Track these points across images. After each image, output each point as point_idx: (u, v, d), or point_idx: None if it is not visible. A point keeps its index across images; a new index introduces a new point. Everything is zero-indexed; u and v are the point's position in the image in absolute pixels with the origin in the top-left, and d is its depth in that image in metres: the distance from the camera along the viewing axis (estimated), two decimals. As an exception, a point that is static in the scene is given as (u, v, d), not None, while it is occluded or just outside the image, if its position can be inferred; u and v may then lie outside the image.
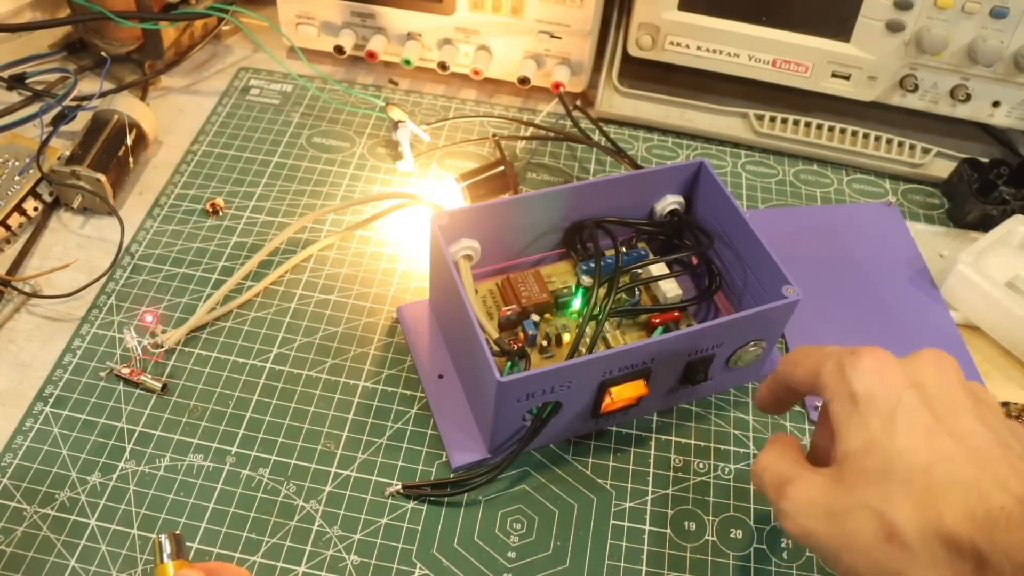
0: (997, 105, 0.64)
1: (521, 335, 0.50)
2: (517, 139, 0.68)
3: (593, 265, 0.51)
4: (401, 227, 0.61)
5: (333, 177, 0.64)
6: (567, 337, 0.51)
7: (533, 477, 0.48)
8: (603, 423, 0.50)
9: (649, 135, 0.70)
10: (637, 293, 0.52)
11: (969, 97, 0.64)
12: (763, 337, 0.49)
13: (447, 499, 0.47)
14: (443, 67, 0.69)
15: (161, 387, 0.50)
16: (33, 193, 0.59)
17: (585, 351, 0.47)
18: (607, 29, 0.71)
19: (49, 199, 0.60)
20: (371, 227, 0.60)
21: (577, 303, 0.52)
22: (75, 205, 0.59)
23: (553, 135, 0.67)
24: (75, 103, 0.61)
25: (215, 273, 0.57)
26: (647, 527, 0.47)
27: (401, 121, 0.64)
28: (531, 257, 0.55)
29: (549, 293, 0.51)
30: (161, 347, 0.51)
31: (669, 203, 0.54)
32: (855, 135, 0.67)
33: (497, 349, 0.47)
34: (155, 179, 0.63)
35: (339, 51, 0.70)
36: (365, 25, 0.70)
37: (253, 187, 0.62)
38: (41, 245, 0.58)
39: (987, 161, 0.65)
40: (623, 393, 0.46)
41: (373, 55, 0.69)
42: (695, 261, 0.54)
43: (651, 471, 0.49)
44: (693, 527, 0.47)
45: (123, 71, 0.70)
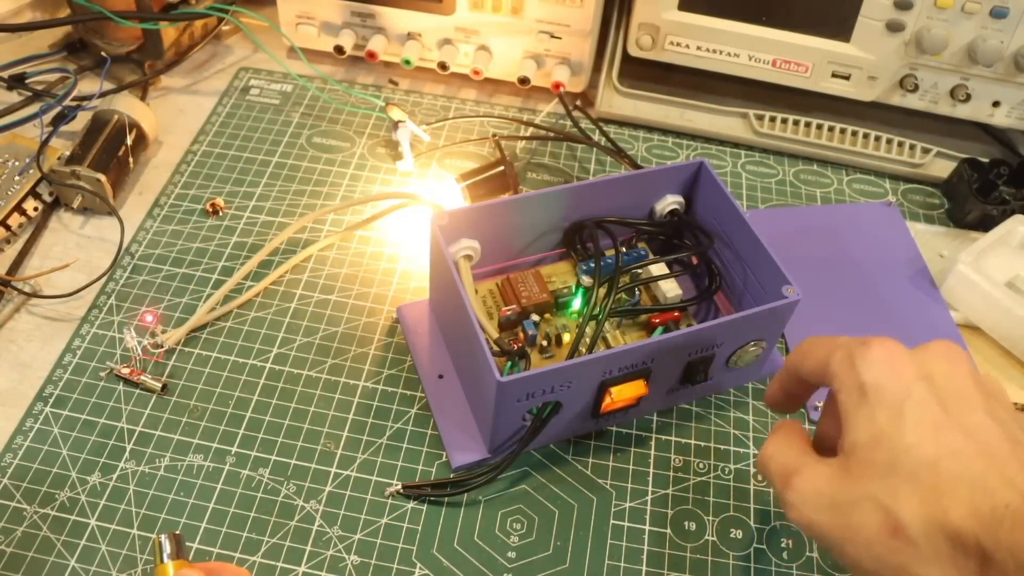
0: (997, 105, 0.64)
1: (521, 335, 0.50)
2: (517, 139, 0.68)
3: (593, 265, 0.51)
4: (401, 227, 0.61)
5: (333, 177, 0.64)
6: (567, 337, 0.51)
7: (533, 477, 0.48)
8: (603, 423, 0.50)
9: (649, 135, 0.70)
10: (637, 293, 0.52)
11: (969, 97, 0.64)
12: (763, 337, 0.49)
13: (447, 499, 0.47)
14: (443, 67, 0.69)
15: (161, 387, 0.50)
16: (33, 193, 0.59)
17: (585, 351, 0.47)
18: (607, 29, 0.71)
19: (49, 199, 0.60)
20: (371, 227, 0.60)
21: (577, 303, 0.52)
22: (75, 205, 0.59)
23: (553, 135, 0.67)
24: (75, 103, 0.61)
25: (215, 273, 0.57)
26: (647, 527, 0.47)
27: (401, 121, 0.64)
28: (531, 257, 0.55)
29: (549, 293, 0.51)
30: (161, 347, 0.51)
31: (669, 203, 0.54)
32: (855, 135, 0.67)
33: (497, 349, 0.47)
34: (155, 179, 0.63)
35: (339, 51, 0.70)
36: (365, 25, 0.70)
37: (253, 187, 0.62)
38: (41, 245, 0.58)
39: (987, 161, 0.65)
40: (623, 393, 0.46)
41: (373, 55, 0.69)
42: (695, 261, 0.54)
43: (651, 471, 0.49)
44: (693, 527, 0.47)
45: (123, 71, 0.70)
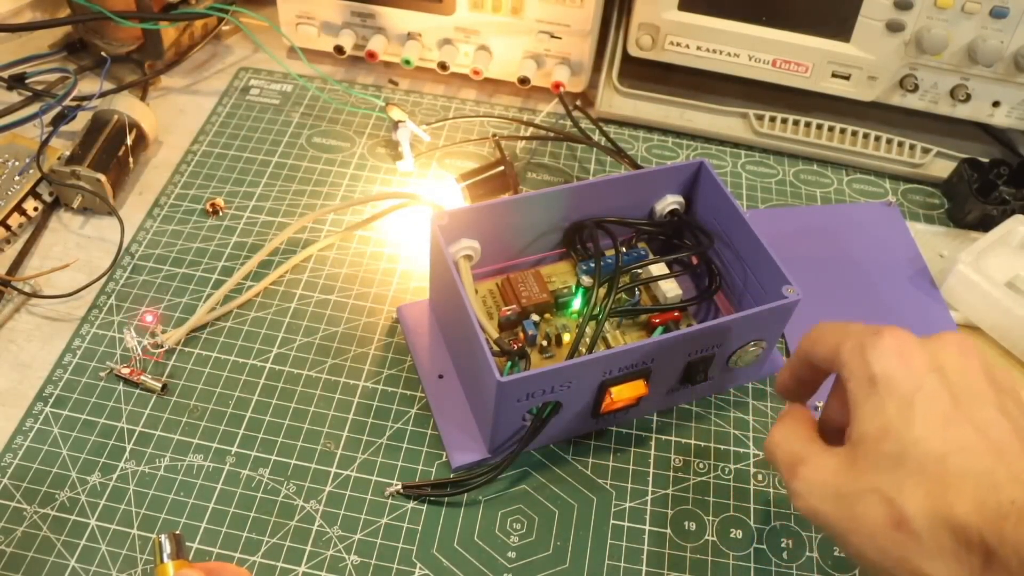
0: (997, 105, 0.64)
1: (521, 335, 0.50)
2: (517, 139, 0.68)
3: (593, 265, 0.51)
4: (401, 227, 0.61)
5: (333, 177, 0.64)
6: (567, 337, 0.51)
7: (533, 477, 0.48)
8: (603, 423, 0.50)
9: (649, 135, 0.70)
10: (637, 293, 0.52)
11: (969, 97, 0.64)
12: (763, 337, 0.49)
13: (447, 499, 0.47)
14: (443, 67, 0.69)
15: (161, 387, 0.50)
16: (33, 193, 0.59)
17: (585, 351, 0.47)
18: (607, 29, 0.71)
19: (49, 199, 0.60)
20: (371, 227, 0.60)
21: (577, 303, 0.52)
22: (75, 205, 0.59)
23: (553, 135, 0.67)
24: (75, 103, 0.61)
25: (215, 273, 0.57)
26: (647, 527, 0.47)
27: (401, 121, 0.64)
28: (531, 257, 0.55)
29: (549, 293, 0.51)
30: (161, 347, 0.51)
31: (669, 203, 0.54)
32: (855, 135, 0.67)
33: (497, 349, 0.47)
34: (155, 179, 0.63)
35: (339, 51, 0.70)
36: (365, 25, 0.70)
37: (253, 187, 0.62)
38: (41, 245, 0.58)
39: (987, 161, 0.65)
40: (623, 393, 0.46)
41: (373, 55, 0.69)
42: (695, 261, 0.54)
43: (651, 471, 0.49)
44: (693, 527, 0.47)
45: (123, 71, 0.70)
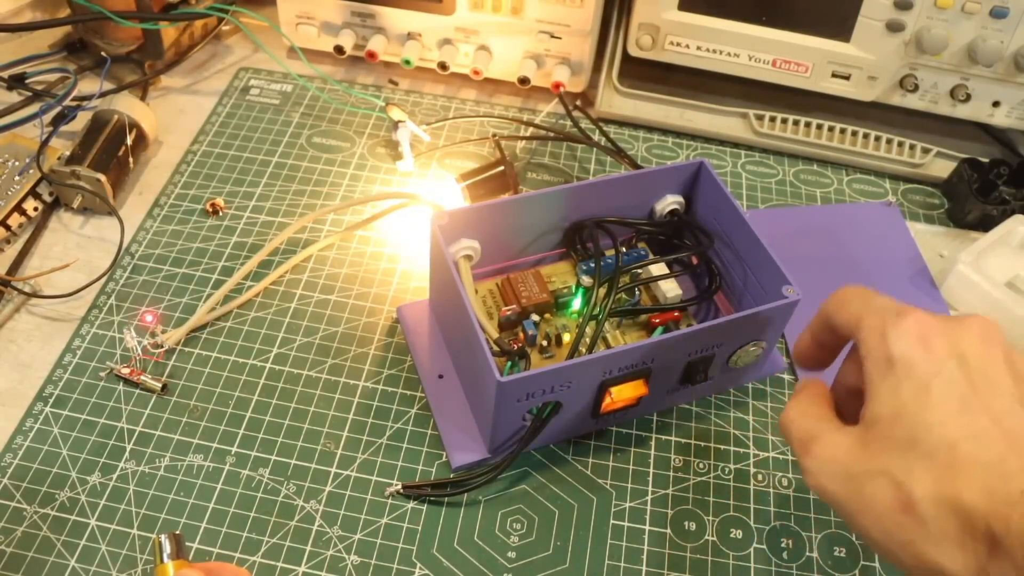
0: (997, 105, 0.64)
1: (521, 335, 0.50)
2: (517, 139, 0.68)
3: (593, 265, 0.51)
4: (401, 227, 0.61)
5: (333, 177, 0.64)
6: (567, 337, 0.51)
7: (533, 477, 0.48)
8: (603, 423, 0.50)
9: (649, 135, 0.70)
10: (637, 293, 0.52)
11: (969, 97, 0.64)
12: (763, 337, 0.49)
13: (447, 499, 0.47)
14: (443, 67, 0.69)
15: (161, 387, 0.50)
16: (33, 193, 0.59)
17: (585, 351, 0.47)
18: (607, 29, 0.71)
19: (49, 199, 0.60)
20: (371, 227, 0.60)
21: (577, 303, 0.52)
22: (75, 205, 0.59)
23: (553, 135, 0.67)
24: (75, 103, 0.61)
25: (215, 273, 0.57)
26: (647, 527, 0.47)
27: (401, 121, 0.64)
28: (531, 257, 0.55)
29: (549, 293, 0.51)
30: (161, 347, 0.51)
31: (669, 203, 0.54)
32: (855, 135, 0.67)
33: (497, 349, 0.47)
34: (155, 179, 0.63)
35: (339, 51, 0.70)
36: (365, 25, 0.70)
37: (253, 187, 0.62)
38: (41, 245, 0.58)
39: (987, 161, 0.65)
40: (623, 393, 0.46)
41: (373, 55, 0.69)
42: (695, 261, 0.54)
43: (651, 471, 0.49)
44: (693, 527, 0.47)
45: (123, 71, 0.70)
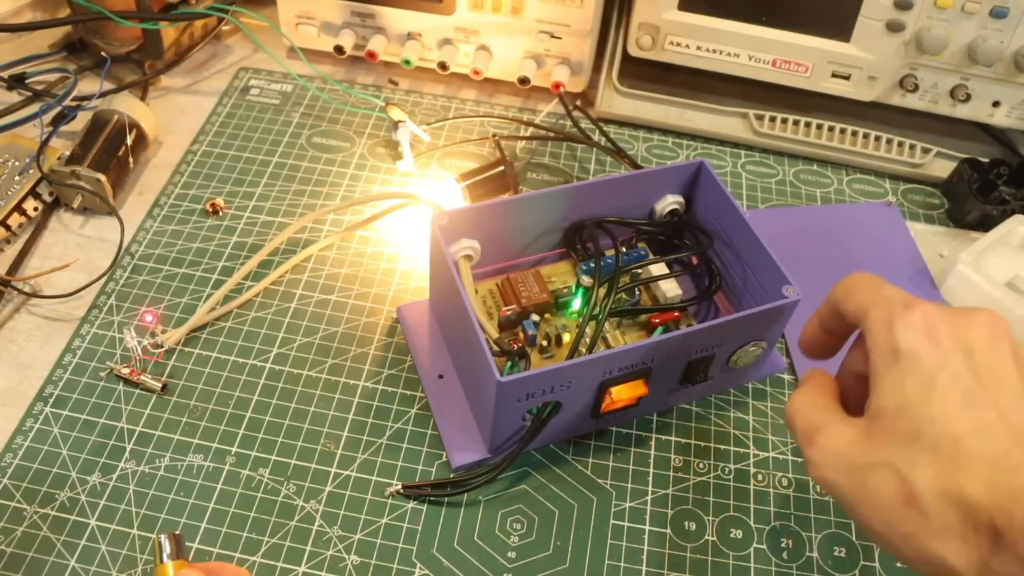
0: (997, 105, 0.64)
1: (521, 335, 0.50)
2: (517, 139, 0.68)
3: (593, 265, 0.51)
4: (401, 227, 0.61)
5: (333, 177, 0.64)
6: (567, 337, 0.51)
7: (533, 477, 0.48)
8: (603, 423, 0.50)
9: (649, 135, 0.70)
10: (637, 293, 0.52)
11: (969, 97, 0.64)
12: (763, 337, 0.49)
13: (447, 499, 0.47)
14: (443, 67, 0.69)
15: (161, 387, 0.50)
16: (33, 193, 0.59)
17: (585, 351, 0.47)
18: (607, 29, 0.71)
19: (49, 199, 0.60)
20: (371, 227, 0.60)
21: (577, 303, 0.52)
22: (75, 205, 0.59)
23: (553, 135, 0.67)
24: (75, 103, 0.61)
25: (215, 273, 0.57)
26: (647, 527, 0.47)
27: (401, 121, 0.64)
28: (531, 257, 0.55)
29: (549, 293, 0.51)
30: (161, 347, 0.51)
31: (669, 203, 0.54)
32: (855, 135, 0.67)
33: (497, 349, 0.47)
34: (155, 179, 0.63)
35: (339, 51, 0.70)
36: (365, 25, 0.70)
37: (253, 187, 0.62)
38: (41, 245, 0.58)
39: (987, 161, 0.65)
40: (623, 393, 0.46)
41: (373, 55, 0.69)
42: (695, 261, 0.54)
43: (651, 471, 0.49)
44: (693, 527, 0.47)
45: (123, 71, 0.70)
